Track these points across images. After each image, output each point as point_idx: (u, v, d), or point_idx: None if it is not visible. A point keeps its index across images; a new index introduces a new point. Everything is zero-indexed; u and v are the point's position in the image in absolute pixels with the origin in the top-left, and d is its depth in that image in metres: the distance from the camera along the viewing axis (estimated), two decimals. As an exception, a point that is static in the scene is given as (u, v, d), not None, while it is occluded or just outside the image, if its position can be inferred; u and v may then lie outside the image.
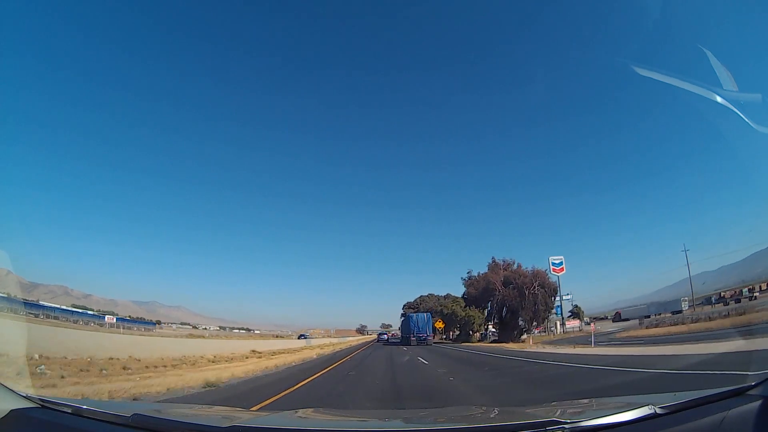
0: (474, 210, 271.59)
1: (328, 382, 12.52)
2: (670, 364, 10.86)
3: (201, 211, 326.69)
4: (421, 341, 44.52)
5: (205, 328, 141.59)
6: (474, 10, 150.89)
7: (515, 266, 54.54)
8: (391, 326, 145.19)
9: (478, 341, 54.17)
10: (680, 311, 49.95)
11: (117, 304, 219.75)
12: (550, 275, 50.56)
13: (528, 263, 62.70)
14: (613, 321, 66.93)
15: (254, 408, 7.03)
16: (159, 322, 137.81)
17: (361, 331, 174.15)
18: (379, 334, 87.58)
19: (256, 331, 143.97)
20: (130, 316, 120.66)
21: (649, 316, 53.44)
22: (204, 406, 4.73)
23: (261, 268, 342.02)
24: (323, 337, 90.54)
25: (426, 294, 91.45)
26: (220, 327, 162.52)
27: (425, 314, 49.80)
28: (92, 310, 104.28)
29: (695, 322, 30.74)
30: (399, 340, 64.85)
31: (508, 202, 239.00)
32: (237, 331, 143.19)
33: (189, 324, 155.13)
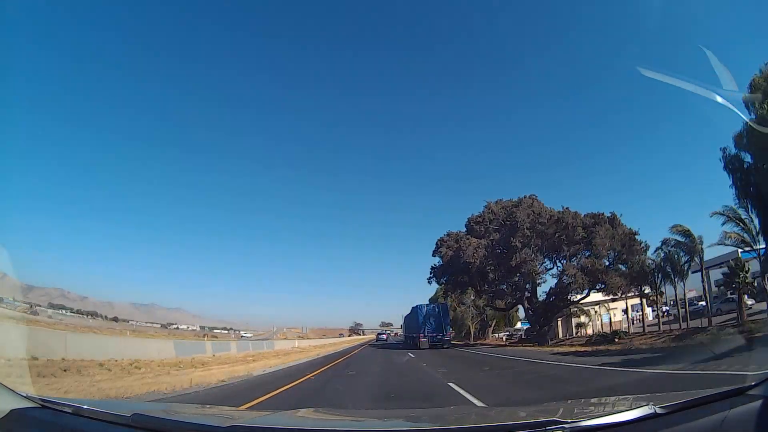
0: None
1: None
2: None
3: (200, 210, 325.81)
4: (435, 342, 32.76)
5: (177, 327, 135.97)
6: (474, 11, 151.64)
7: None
8: (391, 325, 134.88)
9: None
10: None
11: (114, 306, 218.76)
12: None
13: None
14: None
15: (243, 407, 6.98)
16: (116, 318, 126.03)
17: (356, 330, 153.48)
18: (378, 333, 78.57)
19: (242, 332, 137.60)
20: None
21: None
22: (204, 405, 4.72)
23: (258, 269, 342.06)
24: (287, 338, 69.89)
25: (528, 195, 34.91)
26: (201, 327, 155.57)
27: (439, 305, 37.40)
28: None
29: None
30: (403, 341, 50.92)
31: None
32: (218, 331, 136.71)
33: (159, 323, 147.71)
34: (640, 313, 28.55)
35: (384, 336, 71.48)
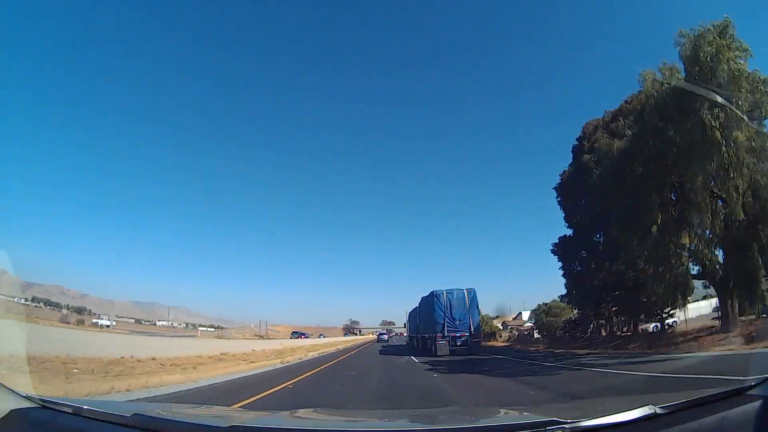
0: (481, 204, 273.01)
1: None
2: None
3: (202, 210, 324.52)
4: (460, 345, 23.00)
5: (154, 323, 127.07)
6: (474, 11, 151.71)
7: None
8: (393, 324, 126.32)
9: None
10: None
11: (114, 304, 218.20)
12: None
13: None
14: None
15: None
16: (81, 310, 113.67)
17: (352, 329, 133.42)
18: (379, 334, 72.25)
19: (231, 330, 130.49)
20: None
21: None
22: (204, 406, 4.72)
23: (261, 268, 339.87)
24: (219, 338, 50.40)
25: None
26: (186, 324, 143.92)
27: (465, 291, 24.52)
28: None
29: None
30: (406, 343, 42.98)
31: (509, 197, 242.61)
32: (203, 328, 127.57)
33: (134, 318, 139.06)
34: None
35: (385, 336, 67.19)
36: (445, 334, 22.76)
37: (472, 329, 23.50)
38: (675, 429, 1.86)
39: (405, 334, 54.99)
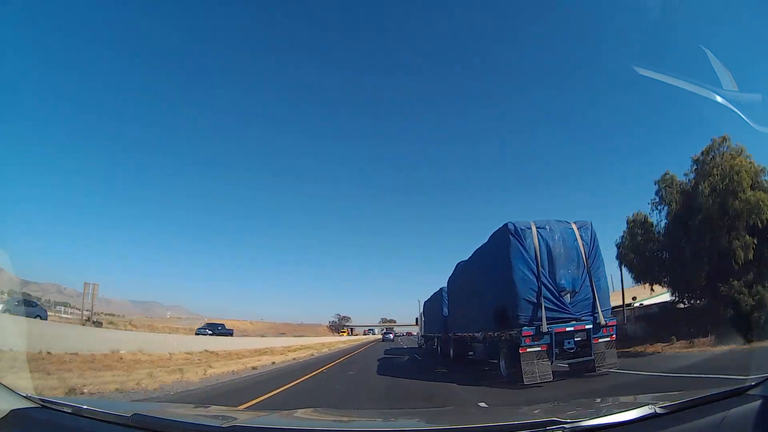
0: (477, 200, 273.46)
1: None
2: None
3: (200, 208, 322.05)
4: (574, 352, 9.16)
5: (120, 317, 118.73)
6: (476, 9, 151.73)
7: None
8: (394, 322, 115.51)
9: None
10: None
11: (111, 303, 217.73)
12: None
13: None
14: None
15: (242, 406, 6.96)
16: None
17: (336, 327, 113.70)
18: (384, 333, 65.69)
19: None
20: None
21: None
22: (205, 405, 4.72)
23: (256, 265, 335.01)
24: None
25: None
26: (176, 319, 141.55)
27: (571, 225, 9.75)
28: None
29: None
30: (420, 348, 28.86)
31: (503, 203, 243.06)
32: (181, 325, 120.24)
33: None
34: None
35: (391, 335, 60.26)
36: (543, 330, 9.08)
37: (600, 314, 9.47)
38: (675, 429, 1.86)
39: (416, 334, 38.84)
